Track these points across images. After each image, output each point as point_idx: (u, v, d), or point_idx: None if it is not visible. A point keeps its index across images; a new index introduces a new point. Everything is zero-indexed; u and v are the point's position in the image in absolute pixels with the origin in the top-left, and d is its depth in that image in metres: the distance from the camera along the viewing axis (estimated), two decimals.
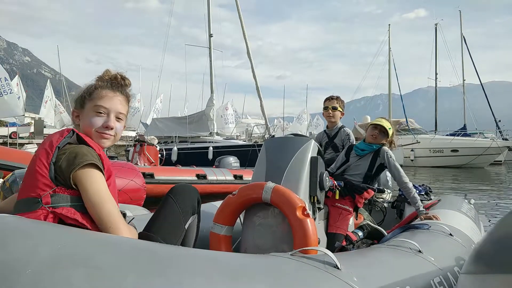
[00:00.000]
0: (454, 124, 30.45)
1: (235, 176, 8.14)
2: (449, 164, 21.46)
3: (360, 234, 2.74)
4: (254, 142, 15.15)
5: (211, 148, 14.83)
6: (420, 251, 1.92)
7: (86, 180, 1.33)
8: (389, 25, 28.64)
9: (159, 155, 9.61)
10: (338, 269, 1.41)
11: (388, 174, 4.15)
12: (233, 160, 9.48)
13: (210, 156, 14.24)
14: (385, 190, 3.91)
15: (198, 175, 7.67)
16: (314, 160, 2.32)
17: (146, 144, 8.99)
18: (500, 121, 24.90)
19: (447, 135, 25.07)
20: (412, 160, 22.21)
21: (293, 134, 2.57)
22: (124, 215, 1.44)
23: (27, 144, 23.55)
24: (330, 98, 3.46)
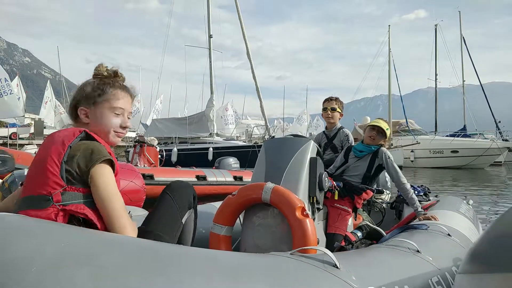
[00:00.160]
0: (454, 125, 30.41)
1: (235, 177, 8.10)
2: (449, 165, 21.43)
3: (359, 234, 2.75)
4: (254, 143, 15.11)
5: (211, 149, 14.81)
6: (418, 251, 1.93)
7: (100, 175, 1.36)
8: (389, 26, 28.61)
9: (159, 156, 9.59)
10: (337, 268, 1.41)
11: (387, 175, 4.16)
12: (233, 161, 9.45)
13: (210, 157, 14.21)
14: (384, 191, 3.92)
15: (198, 176, 7.64)
16: (313, 160, 2.33)
17: (146, 145, 8.98)
18: (500, 122, 24.87)
19: (447, 136, 25.03)
20: (412, 161, 22.18)
21: (292, 135, 2.58)
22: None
23: (27, 145, 23.53)
24: (329, 99, 3.48)
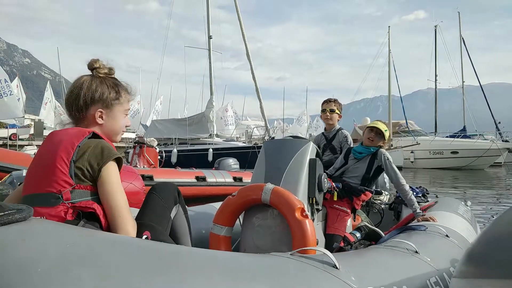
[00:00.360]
0: (454, 125, 30.42)
1: (235, 178, 8.09)
2: (449, 165, 21.43)
3: (357, 235, 2.76)
4: (254, 144, 15.12)
5: (211, 150, 14.81)
6: (416, 252, 1.94)
7: (109, 173, 1.39)
8: (388, 27, 28.59)
9: (159, 157, 9.59)
10: (337, 268, 1.42)
11: (385, 176, 4.18)
12: (232, 162, 9.45)
13: (210, 158, 14.21)
14: (382, 192, 3.93)
15: (197, 177, 7.63)
16: (312, 162, 2.34)
17: (145, 146, 8.97)
18: (500, 122, 24.88)
19: (447, 137, 25.03)
20: (412, 161, 22.18)
21: (292, 136, 2.59)
22: None
23: (27, 145, 23.51)
24: (328, 101, 3.50)
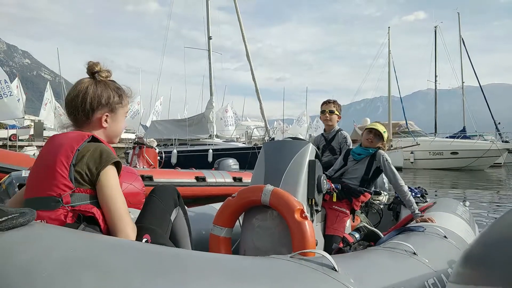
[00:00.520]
0: (454, 126, 30.40)
1: (234, 178, 8.08)
2: (448, 166, 21.41)
3: (356, 236, 2.77)
4: (254, 145, 15.11)
5: (211, 150, 14.81)
6: (415, 253, 1.95)
7: (108, 177, 1.40)
8: (388, 27, 28.57)
9: (158, 158, 9.59)
10: (336, 271, 1.43)
11: (384, 176, 4.20)
12: (232, 162, 9.46)
13: (210, 158, 14.21)
14: (381, 192, 3.94)
15: (197, 177, 7.62)
16: (312, 163, 2.35)
17: (145, 146, 8.97)
18: (499, 123, 24.88)
19: (447, 138, 25.02)
20: (412, 162, 22.17)
21: (291, 138, 2.61)
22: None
23: (27, 146, 23.55)
24: (327, 102, 3.51)
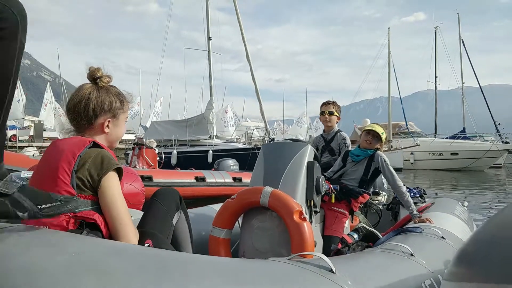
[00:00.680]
0: (454, 127, 30.40)
1: (234, 178, 8.10)
2: (448, 167, 21.42)
3: (355, 236, 2.78)
4: (254, 145, 15.10)
5: (211, 151, 14.78)
6: (412, 255, 1.96)
7: (109, 183, 1.40)
8: (388, 28, 28.55)
9: (158, 158, 9.60)
10: (333, 273, 1.45)
11: (383, 177, 4.21)
12: (232, 162, 9.46)
13: (210, 159, 14.20)
14: (380, 192, 3.95)
15: (197, 178, 7.65)
16: (310, 165, 2.36)
17: (144, 147, 8.98)
18: (499, 124, 24.89)
19: (447, 138, 25.03)
20: (411, 163, 22.17)
21: (290, 139, 2.62)
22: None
23: (27, 147, 23.55)
24: (326, 103, 3.52)
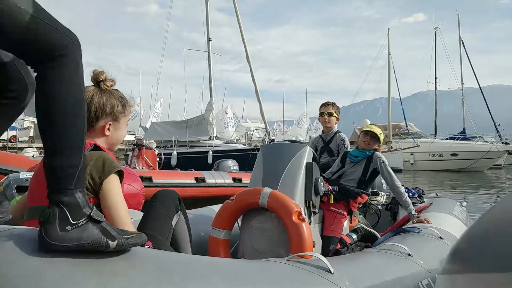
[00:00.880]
0: (454, 128, 30.40)
1: (234, 179, 8.09)
2: (448, 168, 21.39)
3: (354, 237, 2.79)
4: (254, 146, 15.10)
5: (211, 152, 14.78)
6: (409, 255, 1.98)
7: (110, 186, 1.41)
8: (388, 29, 28.58)
9: (158, 159, 9.60)
10: (331, 273, 1.46)
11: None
12: (232, 163, 9.46)
13: (210, 160, 14.18)
14: (379, 193, 3.96)
15: (196, 178, 7.64)
16: (309, 166, 2.38)
17: (144, 148, 8.99)
18: (499, 125, 24.89)
19: (447, 139, 25.02)
20: (411, 164, 22.14)
21: (289, 141, 2.64)
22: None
23: (27, 148, 23.56)
24: (325, 104, 3.54)
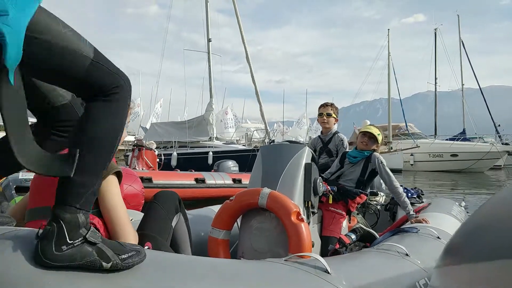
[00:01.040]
0: (454, 128, 30.39)
1: (234, 180, 8.10)
2: (448, 168, 21.38)
3: (353, 237, 2.80)
4: (254, 147, 15.10)
5: (211, 153, 14.77)
6: (407, 255, 1.99)
7: (109, 187, 1.41)
8: (388, 30, 28.53)
9: (158, 160, 9.60)
10: (328, 273, 1.47)
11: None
12: (232, 164, 9.46)
13: (210, 161, 14.17)
14: (378, 193, 3.97)
15: (196, 179, 7.64)
16: (308, 166, 2.39)
17: (144, 148, 9.00)
18: (499, 125, 24.88)
19: (447, 140, 25.00)
20: (411, 164, 22.13)
21: (288, 141, 2.65)
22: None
23: None
24: (324, 105, 3.54)
